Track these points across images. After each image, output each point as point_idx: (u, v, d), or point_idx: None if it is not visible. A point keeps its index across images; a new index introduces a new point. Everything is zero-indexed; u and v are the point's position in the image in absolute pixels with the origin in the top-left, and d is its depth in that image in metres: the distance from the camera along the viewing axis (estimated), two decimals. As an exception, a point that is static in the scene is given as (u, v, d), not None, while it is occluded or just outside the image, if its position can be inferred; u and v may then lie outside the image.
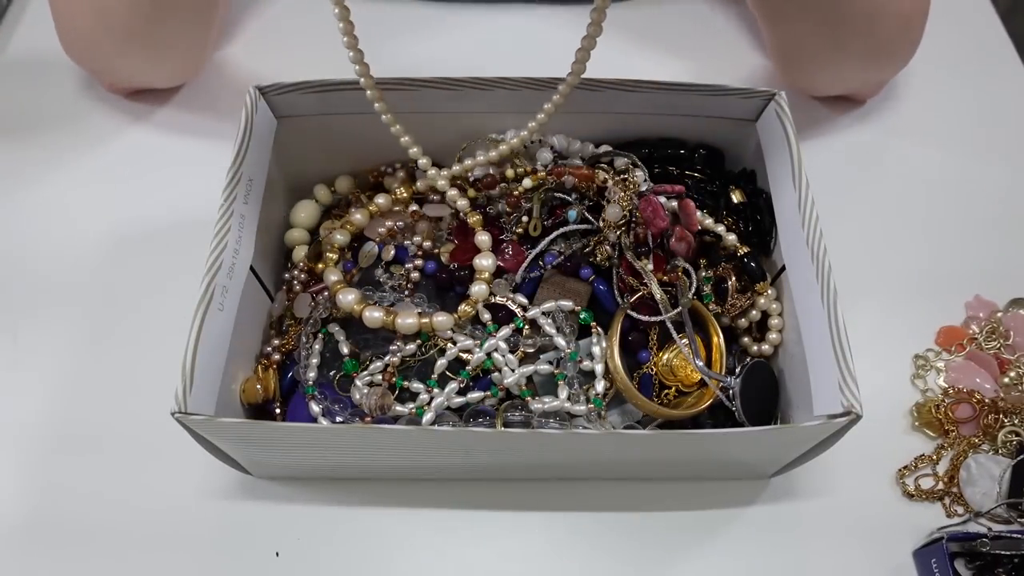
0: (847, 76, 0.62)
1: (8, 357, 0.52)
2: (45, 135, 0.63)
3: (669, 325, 0.46)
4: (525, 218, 0.50)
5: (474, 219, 0.48)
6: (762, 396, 0.45)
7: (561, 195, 0.50)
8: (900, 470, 0.49)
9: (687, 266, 0.48)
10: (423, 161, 0.49)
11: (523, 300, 0.47)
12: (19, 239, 0.57)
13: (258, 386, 0.45)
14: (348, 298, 0.45)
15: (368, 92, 0.47)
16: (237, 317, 0.42)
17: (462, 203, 0.49)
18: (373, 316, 0.45)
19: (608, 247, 0.48)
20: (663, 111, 0.51)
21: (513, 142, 0.49)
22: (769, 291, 0.48)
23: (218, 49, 0.68)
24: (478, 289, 0.45)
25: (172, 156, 0.61)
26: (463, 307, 0.45)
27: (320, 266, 0.50)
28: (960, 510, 0.47)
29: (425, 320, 0.45)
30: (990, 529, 0.45)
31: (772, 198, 0.48)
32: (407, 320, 0.44)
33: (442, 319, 0.45)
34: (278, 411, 0.46)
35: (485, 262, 0.46)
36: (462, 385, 0.45)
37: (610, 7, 0.40)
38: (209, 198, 0.43)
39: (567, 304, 0.46)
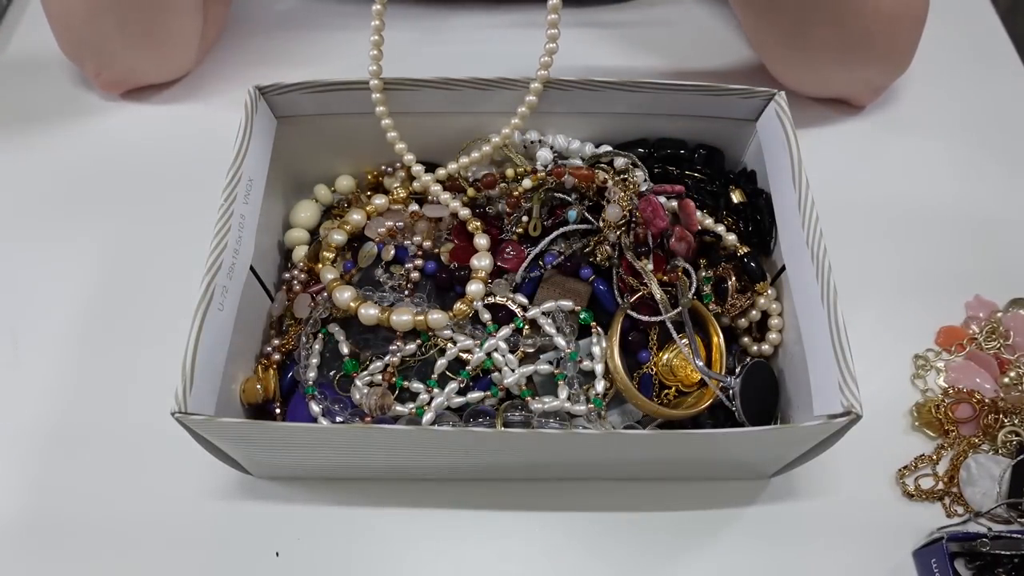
0: (831, 76, 0.62)
1: (8, 357, 0.52)
2: (44, 134, 0.63)
3: (669, 325, 0.46)
4: (525, 218, 0.50)
5: (473, 225, 0.48)
6: (762, 396, 0.45)
7: (561, 195, 0.50)
8: (900, 470, 0.49)
9: (687, 266, 0.48)
10: (416, 168, 0.49)
11: (523, 300, 0.47)
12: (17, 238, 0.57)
13: (258, 386, 0.45)
14: (344, 295, 0.45)
15: (375, 95, 0.47)
16: (237, 317, 0.42)
17: (454, 204, 0.49)
18: (369, 313, 0.45)
19: (608, 247, 0.48)
20: (663, 111, 0.51)
21: (495, 141, 0.49)
22: (769, 291, 0.48)
23: (218, 48, 0.68)
24: (475, 288, 0.45)
25: (172, 156, 0.61)
26: (458, 305, 0.45)
27: (319, 266, 0.50)
28: (960, 510, 0.47)
29: (420, 318, 0.45)
30: (990, 529, 0.45)
31: (772, 198, 0.48)
32: (402, 317, 0.45)
33: (437, 316, 0.45)
34: (278, 411, 0.46)
35: (481, 262, 0.47)
36: (462, 385, 0.45)
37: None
38: (209, 198, 0.43)
39: (567, 304, 0.46)
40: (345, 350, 0.46)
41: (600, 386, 0.45)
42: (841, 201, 0.59)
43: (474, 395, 0.45)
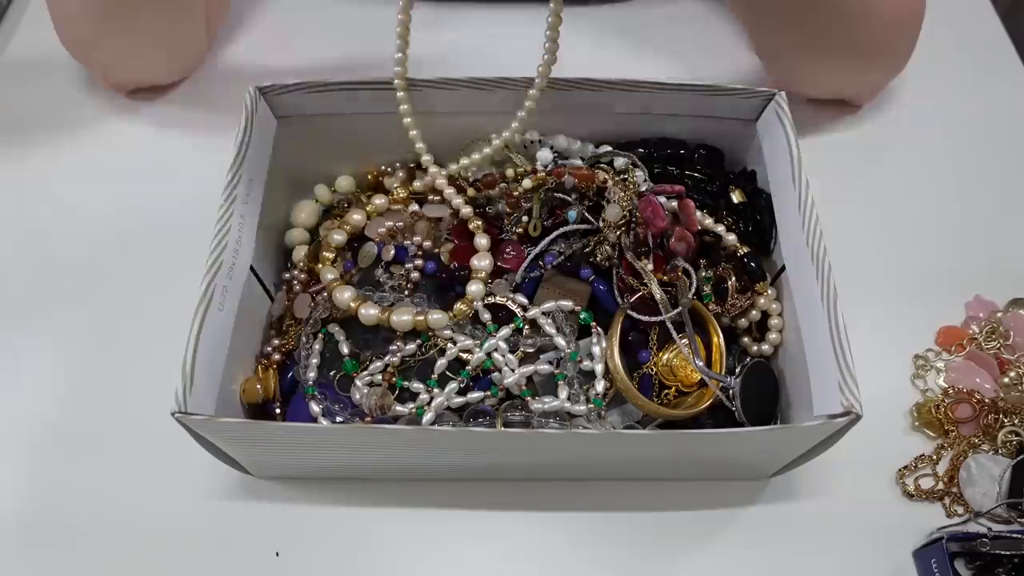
0: (831, 77, 0.61)
1: (8, 357, 0.52)
2: (45, 135, 0.63)
3: (669, 325, 0.46)
4: (525, 218, 0.50)
5: (474, 224, 0.49)
6: (762, 396, 0.45)
7: (561, 195, 0.49)
8: (900, 470, 0.49)
9: (687, 266, 0.48)
10: (433, 169, 0.49)
11: (523, 300, 0.47)
12: (19, 239, 0.57)
13: (258, 386, 0.45)
14: (344, 295, 0.45)
15: (399, 93, 0.48)
16: (237, 317, 0.42)
17: (457, 201, 0.49)
18: (369, 313, 0.45)
19: (608, 247, 0.48)
20: (663, 111, 0.51)
21: (496, 143, 0.50)
22: (769, 291, 0.48)
23: (219, 48, 0.68)
24: (475, 288, 0.45)
25: (173, 156, 0.61)
26: (458, 306, 0.45)
27: (319, 266, 0.50)
28: (960, 510, 0.47)
29: (420, 318, 0.45)
30: (990, 529, 0.45)
31: (772, 198, 0.48)
32: (402, 317, 0.45)
33: (437, 316, 0.45)
34: (278, 411, 0.46)
35: (481, 263, 0.47)
36: (462, 385, 0.45)
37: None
38: (209, 198, 0.43)
39: (567, 304, 0.46)
40: (345, 350, 0.46)
41: (600, 386, 0.45)
42: (841, 201, 0.59)
43: (474, 395, 0.45)
